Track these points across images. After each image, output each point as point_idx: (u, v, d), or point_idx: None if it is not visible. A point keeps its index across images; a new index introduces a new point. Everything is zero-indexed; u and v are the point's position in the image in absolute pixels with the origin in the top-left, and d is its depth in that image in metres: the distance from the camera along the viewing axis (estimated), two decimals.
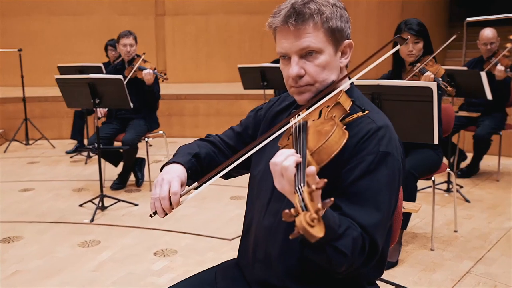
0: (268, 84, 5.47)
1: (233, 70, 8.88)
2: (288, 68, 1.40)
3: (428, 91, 2.39)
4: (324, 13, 1.36)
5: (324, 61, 1.38)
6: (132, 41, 4.80)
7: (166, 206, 1.43)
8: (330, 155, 1.19)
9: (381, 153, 1.30)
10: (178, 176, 1.46)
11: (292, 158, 1.14)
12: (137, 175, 4.87)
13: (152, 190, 1.47)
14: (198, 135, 7.13)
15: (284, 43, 1.39)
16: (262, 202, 1.51)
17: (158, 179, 1.46)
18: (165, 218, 4.16)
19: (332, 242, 1.19)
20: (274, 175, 1.18)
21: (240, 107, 7.17)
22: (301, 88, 1.41)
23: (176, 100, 7.14)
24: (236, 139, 1.67)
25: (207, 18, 8.88)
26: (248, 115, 1.70)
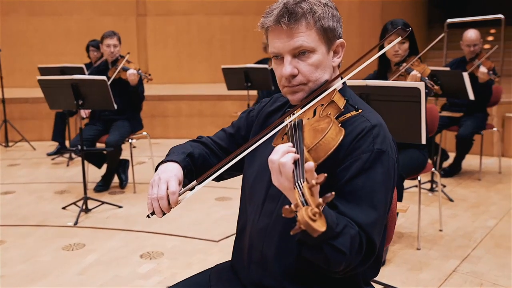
0: (252, 85, 5.47)
1: (215, 71, 8.85)
2: (281, 68, 1.40)
3: (416, 92, 2.41)
4: (317, 13, 1.36)
5: (317, 61, 1.38)
6: (116, 42, 4.75)
7: (164, 206, 1.41)
8: (327, 152, 1.19)
9: (376, 151, 1.31)
10: (175, 175, 1.45)
11: (289, 155, 1.14)
12: (120, 177, 4.81)
13: (149, 190, 1.44)
14: (181, 136, 7.16)
15: (277, 43, 1.39)
16: (256, 203, 1.50)
17: (155, 179, 1.44)
18: (150, 220, 4.12)
19: (330, 240, 1.18)
20: (272, 172, 1.17)
21: (223, 108, 7.15)
22: (295, 88, 1.40)
23: (159, 101, 7.09)
24: (228, 141, 1.66)
25: (188, 18, 8.83)
26: (240, 116, 1.69)
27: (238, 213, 1.65)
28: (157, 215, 1.43)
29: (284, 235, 1.42)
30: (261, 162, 1.53)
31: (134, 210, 4.21)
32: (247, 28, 8.90)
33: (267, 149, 1.51)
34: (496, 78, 4.59)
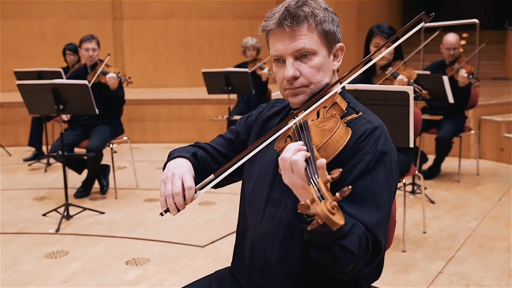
0: (232, 88, 5.46)
1: (192, 75, 8.83)
2: (283, 70, 1.41)
3: (405, 95, 2.44)
4: (318, 16, 1.39)
5: (318, 63, 1.40)
6: (94, 46, 4.68)
7: (180, 202, 1.38)
8: (336, 150, 1.21)
9: (378, 153, 1.32)
10: (189, 171, 1.43)
11: (301, 153, 1.15)
12: (101, 182, 4.74)
13: (161, 188, 1.42)
14: (159, 140, 7.11)
15: (279, 45, 1.40)
16: (257, 208, 1.50)
17: (168, 175, 1.42)
18: (134, 225, 4.07)
19: (338, 240, 1.19)
20: (283, 170, 1.18)
21: (203, 112, 7.11)
22: (296, 90, 1.41)
23: (137, 105, 7.00)
24: (227, 146, 1.65)
25: (165, 22, 8.77)
26: (239, 122, 1.69)
27: (237, 218, 1.64)
28: (171, 213, 1.41)
29: (288, 239, 1.42)
30: (260, 166, 1.53)
31: (116, 216, 4.14)
32: (225, 32, 8.89)
33: (267, 153, 1.51)
34: (476, 82, 4.68)
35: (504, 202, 4.44)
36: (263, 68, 5.82)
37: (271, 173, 1.48)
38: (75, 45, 6.19)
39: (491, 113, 6.16)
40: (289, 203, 1.42)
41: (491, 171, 5.50)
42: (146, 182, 5.07)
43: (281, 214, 1.43)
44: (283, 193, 1.43)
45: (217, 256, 3.37)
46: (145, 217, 4.11)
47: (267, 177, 1.49)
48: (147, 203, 4.48)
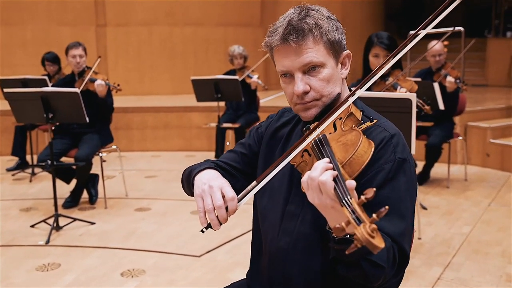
0: (222, 96, 5.42)
1: (178, 82, 8.77)
2: (292, 85, 1.38)
3: (408, 103, 2.45)
4: (322, 27, 1.35)
5: (328, 75, 1.37)
6: (81, 52, 4.60)
7: (223, 215, 1.31)
8: (361, 165, 1.18)
9: (398, 161, 1.30)
10: (226, 181, 1.37)
11: (328, 172, 1.11)
12: (90, 192, 4.64)
13: (198, 203, 1.34)
14: (146, 148, 7.03)
15: (285, 61, 1.36)
16: (272, 222, 1.47)
17: (205, 188, 1.34)
18: (126, 235, 3.99)
19: (367, 256, 1.16)
20: (311, 190, 1.14)
21: (190, 120, 7.06)
22: (308, 104, 1.38)
23: (123, 113, 6.90)
24: (241, 161, 1.60)
25: (150, 29, 8.69)
26: (249, 135, 1.65)
27: (252, 232, 1.61)
28: (214, 228, 1.32)
29: (307, 253, 1.39)
30: (273, 180, 1.50)
31: (108, 226, 4.06)
32: (210, 39, 8.86)
33: None
34: (464, 86, 4.75)
35: (494, 207, 4.48)
36: (252, 76, 5.79)
37: (285, 186, 1.45)
38: (54, 54, 6.10)
39: (477, 120, 6.25)
40: (307, 216, 1.39)
41: (478, 176, 5.57)
42: (136, 191, 4.99)
43: (299, 228, 1.40)
44: (299, 206, 1.41)
45: (214, 266, 3.31)
46: (137, 227, 4.03)
47: (282, 191, 1.46)
48: (138, 212, 4.41)
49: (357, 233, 0.95)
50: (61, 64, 6.14)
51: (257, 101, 6.19)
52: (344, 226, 0.99)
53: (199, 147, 7.01)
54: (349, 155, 1.18)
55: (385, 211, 0.97)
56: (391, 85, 3.20)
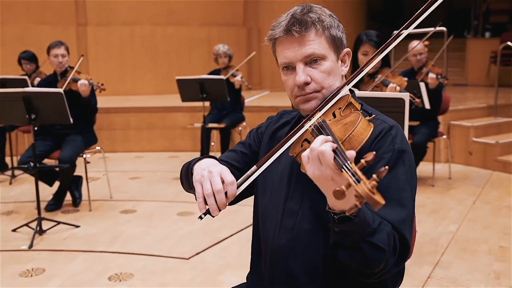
0: (207, 96, 5.37)
1: (160, 82, 8.68)
2: (293, 77, 1.40)
3: (401, 102, 2.43)
4: (325, 21, 1.39)
5: (329, 67, 1.39)
6: (64, 52, 4.51)
7: (222, 200, 1.28)
8: (360, 142, 1.20)
9: (397, 151, 1.32)
10: (225, 167, 1.35)
11: (328, 143, 1.11)
12: (74, 194, 4.55)
13: (197, 189, 1.31)
14: (129, 149, 6.93)
15: (288, 53, 1.39)
16: (273, 221, 1.46)
17: (204, 174, 1.31)
18: (112, 238, 3.93)
19: (367, 237, 1.17)
20: (311, 161, 1.14)
21: (174, 120, 6.99)
22: (308, 96, 1.39)
23: (105, 113, 6.77)
24: (241, 159, 1.59)
25: (131, 29, 8.59)
26: (249, 135, 1.66)
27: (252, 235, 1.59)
28: (212, 213, 1.30)
29: (309, 249, 1.39)
30: (273, 178, 1.50)
31: (93, 229, 3.98)
32: (193, 39, 8.79)
33: (279, 165, 1.48)
34: (445, 81, 4.81)
35: (479, 205, 4.52)
36: (236, 75, 5.76)
37: (285, 184, 1.45)
38: (31, 53, 5.99)
39: (460, 119, 6.31)
40: (306, 211, 1.39)
41: (462, 175, 5.62)
42: (120, 193, 4.92)
43: (300, 224, 1.40)
44: (299, 203, 1.41)
45: (204, 269, 3.27)
46: (123, 230, 3.96)
47: (281, 189, 1.46)
48: (123, 214, 4.34)
49: (357, 189, 0.96)
50: (38, 63, 6.03)
51: (242, 101, 6.15)
52: (344, 188, 0.99)
53: (183, 147, 6.95)
54: (348, 132, 1.21)
55: (385, 170, 0.98)
56: (380, 82, 3.21)
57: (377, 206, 0.95)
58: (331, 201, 1.17)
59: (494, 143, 5.85)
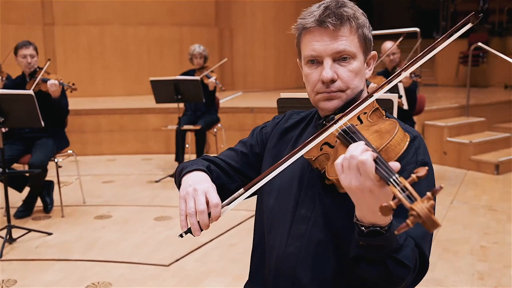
0: (182, 97, 5.26)
1: (131, 83, 8.50)
2: (318, 72, 1.31)
3: (390, 103, 2.38)
4: (359, 19, 1.31)
5: (357, 67, 1.31)
6: (32, 52, 4.33)
7: (205, 221, 1.21)
8: (397, 154, 1.11)
9: (419, 163, 1.26)
10: (212, 185, 1.27)
11: (368, 152, 1.03)
12: (45, 200, 4.37)
13: (180, 205, 1.24)
14: (101, 152, 6.75)
15: (317, 45, 1.29)
16: (280, 226, 1.38)
17: (189, 191, 1.24)
18: (87, 246, 3.77)
19: (393, 253, 1.11)
20: (349, 171, 1.05)
21: (147, 122, 6.83)
22: (332, 94, 1.31)
23: (75, 116, 6.57)
24: (240, 160, 1.51)
25: (101, 28, 8.37)
26: (253, 133, 1.56)
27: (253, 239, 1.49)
28: (194, 234, 1.22)
29: (320, 258, 1.31)
30: (281, 180, 1.40)
31: (66, 236, 3.82)
32: (164, 39, 8.64)
33: (287, 168, 1.38)
34: (419, 79, 4.85)
35: (456, 205, 4.55)
36: (210, 76, 5.65)
37: (295, 187, 1.36)
38: None
39: (433, 118, 6.37)
40: (319, 219, 1.31)
41: (437, 174, 5.65)
42: (94, 198, 4.75)
43: (311, 232, 1.31)
44: (310, 209, 1.33)
45: (185, 275, 3.16)
46: (98, 236, 3.81)
47: (291, 192, 1.37)
48: (98, 220, 4.18)
49: (415, 209, 0.88)
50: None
51: (217, 102, 6.05)
52: (393, 205, 0.92)
53: (156, 150, 6.80)
54: (386, 141, 1.11)
55: (440, 189, 0.91)
56: None
57: (433, 228, 0.88)
58: (362, 213, 1.09)
59: (468, 142, 5.92)
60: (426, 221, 0.87)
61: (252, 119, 6.66)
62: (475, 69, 9.46)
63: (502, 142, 6.29)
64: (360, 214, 1.10)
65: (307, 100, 2.42)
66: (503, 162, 5.72)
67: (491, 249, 3.57)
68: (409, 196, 0.92)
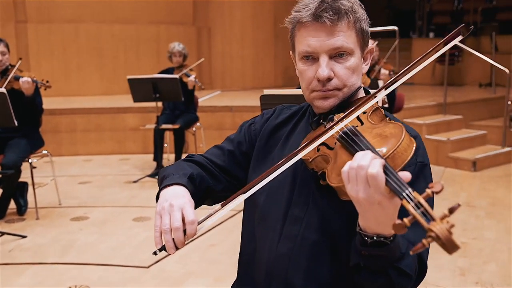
0: (160, 96, 5.17)
1: (107, 82, 8.35)
2: (313, 69, 1.24)
3: None
4: (358, 13, 1.24)
5: (354, 64, 1.25)
6: (4, 49, 4.20)
7: (180, 238, 1.15)
8: (404, 160, 1.04)
9: (419, 164, 1.22)
10: (190, 201, 1.21)
11: (377, 162, 0.97)
12: (19, 202, 4.24)
13: (156, 221, 1.18)
14: (76, 152, 6.60)
15: (312, 41, 1.22)
16: (272, 226, 1.32)
17: (165, 206, 1.18)
18: (64, 248, 3.67)
19: (395, 263, 1.07)
20: (357, 182, 0.99)
21: (123, 121, 6.71)
22: (328, 93, 1.25)
23: (49, 115, 6.40)
24: (227, 159, 1.44)
25: (76, 26, 8.20)
26: (240, 130, 1.49)
27: (240, 242, 1.44)
28: (168, 251, 1.16)
29: (314, 261, 1.25)
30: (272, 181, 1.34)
31: (41, 239, 3.70)
32: (141, 38, 8.51)
33: None
34: None
35: (435, 201, 4.56)
36: (189, 75, 5.58)
37: (287, 186, 1.30)
38: None
39: (412, 116, 6.41)
40: (313, 220, 1.25)
41: None
42: (70, 199, 4.63)
43: (304, 233, 1.26)
44: (304, 209, 1.27)
45: (166, 277, 3.10)
46: (75, 239, 3.71)
47: (283, 191, 1.31)
48: (74, 222, 4.07)
49: (434, 230, 0.83)
50: None
51: (196, 101, 5.98)
52: (407, 222, 0.87)
53: (134, 150, 6.69)
54: (393, 147, 1.04)
55: (458, 206, 0.86)
56: None
57: (453, 250, 0.83)
58: (367, 224, 1.05)
59: (445, 140, 5.98)
60: (446, 244, 0.82)
61: (231, 118, 6.60)
62: (451, 68, 9.57)
63: (479, 139, 6.37)
64: (365, 224, 1.05)
65: (291, 97, 2.39)
66: (480, 159, 5.78)
67: (470, 245, 3.59)
68: (424, 214, 0.87)
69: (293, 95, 2.25)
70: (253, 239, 1.37)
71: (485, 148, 6.21)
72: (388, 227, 0.99)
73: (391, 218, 1.00)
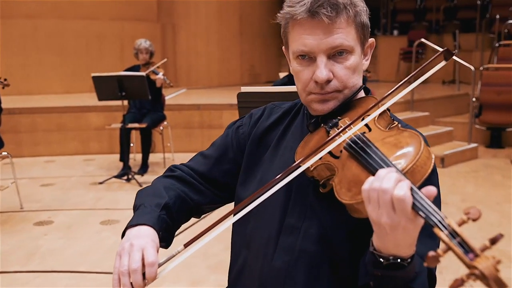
0: (126, 94, 5.01)
1: (69, 81, 8.08)
2: (310, 70, 1.13)
3: None
4: (357, 6, 1.12)
5: (354, 63, 1.13)
6: None
7: (138, 282, 1.03)
8: (423, 175, 0.93)
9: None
10: (152, 241, 1.10)
11: (404, 184, 0.86)
12: None
13: (115, 262, 1.07)
14: (38, 153, 6.34)
15: (308, 39, 1.10)
16: (265, 238, 1.21)
17: (125, 246, 1.07)
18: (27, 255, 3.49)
19: (409, 283, 0.98)
20: (379, 205, 0.88)
21: (87, 121, 6.49)
22: (327, 96, 1.14)
23: (8, 115, 6.12)
24: (211, 166, 1.33)
25: (35, 22, 7.90)
26: (226, 134, 1.36)
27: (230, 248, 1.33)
28: None
29: (313, 273, 1.15)
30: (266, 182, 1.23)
31: (3, 246, 3.50)
32: (104, 34, 8.28)
33: (273, 166, 1.23)
34: (368, 74, 4.89)
35: None
36: (158, 72, 5.43)
37: (282, 194, 1.17)
38: None
39: None
40: (311, 230, 1.15)
41: None
42: (32, 203, 4.42)
43: (302, 244, 1.15)
44: (301, 219, 1.16)
45: None
46: (39, 245, 3.53)
47: (278, 200, 1.18)
48: (38, 227, 3.88)
49: (479, 267, 0.73)
50: None
51: (163, 99, 5.83)
52: (441, 253, 0.77)
53: (98, 150, 6.48)
54: (412, 160, 0.92)
55: (500, 237, 0.76)
56: None
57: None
58: (385, 245, 0.94)
59: None
60: (493, 284, 0.71)
61: (199, 117, 6.47)
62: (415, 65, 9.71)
63: (446, 136, 6.46)
64: (381, 245, 0.95)
65: (270, 94, 2.29)
66: (448, 155, 5.85)
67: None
68: (461, 244, 0.77)
69: (272, 93, 2.16)
70: (244, 246, 1.27)
71: (452, 144, 6.29)
72: (407, 249, 0.91)
73: (412, 241, 0.92)
